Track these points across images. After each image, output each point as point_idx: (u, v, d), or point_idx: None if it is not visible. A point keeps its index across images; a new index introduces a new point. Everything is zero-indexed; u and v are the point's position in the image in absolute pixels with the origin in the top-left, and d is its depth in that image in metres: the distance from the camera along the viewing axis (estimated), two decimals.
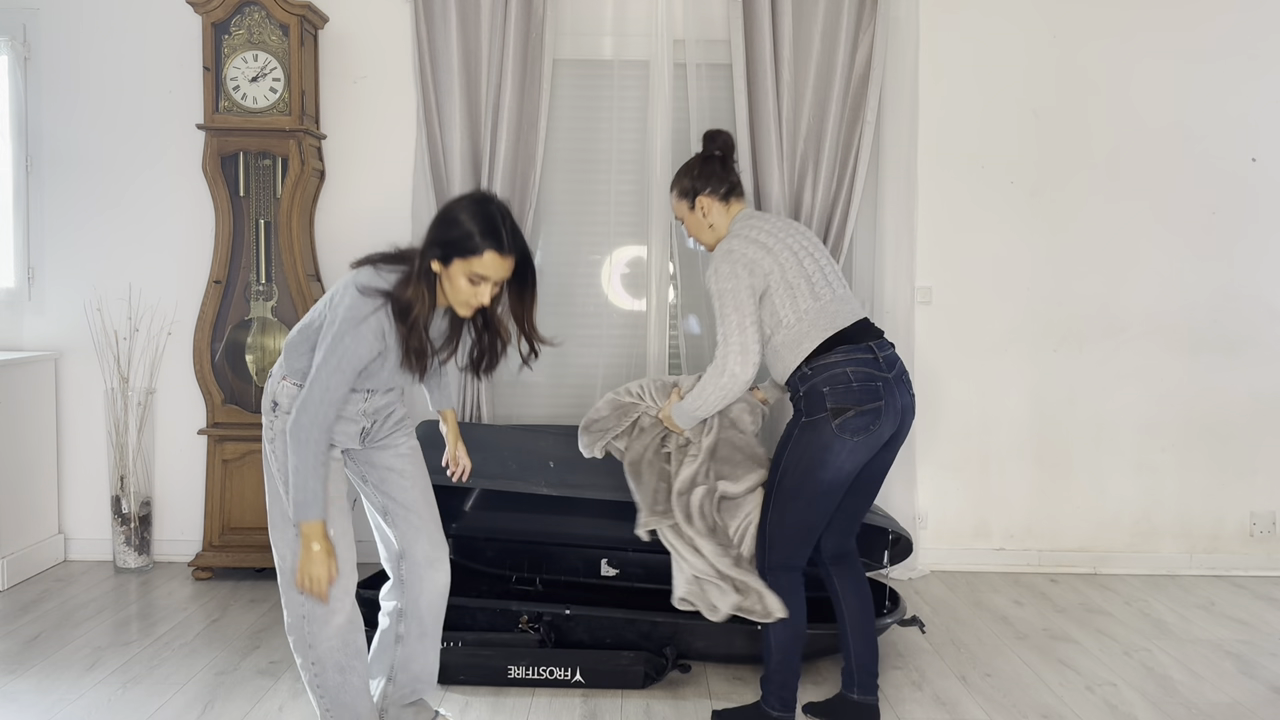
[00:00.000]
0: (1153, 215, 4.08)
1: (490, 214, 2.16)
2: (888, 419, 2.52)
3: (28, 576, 3.85)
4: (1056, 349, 4.11)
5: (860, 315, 2.63)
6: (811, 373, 2.52)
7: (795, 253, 2.60)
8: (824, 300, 2.58)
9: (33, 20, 3.98)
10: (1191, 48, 4.04)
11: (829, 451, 2.49)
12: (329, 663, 2.27)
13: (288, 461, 2.18)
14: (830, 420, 2.47)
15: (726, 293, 2.56)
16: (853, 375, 2.49)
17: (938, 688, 2.98)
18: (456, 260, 2.15)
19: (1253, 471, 4.14)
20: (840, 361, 2.51)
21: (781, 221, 2.70)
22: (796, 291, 2.56)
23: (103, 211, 4.03)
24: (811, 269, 2.60)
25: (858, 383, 2.48)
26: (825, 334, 2.54)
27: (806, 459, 2.52)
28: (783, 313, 2.56)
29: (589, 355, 4.04)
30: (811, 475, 2.51)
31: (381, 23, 3.98)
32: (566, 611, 3.03)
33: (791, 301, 2.56)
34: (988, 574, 4.11)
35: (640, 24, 3.94)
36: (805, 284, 2.57)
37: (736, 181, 2.74)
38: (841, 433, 2.47)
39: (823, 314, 2.56)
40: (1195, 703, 2.89)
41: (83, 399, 4.07)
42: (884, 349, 2.59)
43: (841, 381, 2.48)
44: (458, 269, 2.16)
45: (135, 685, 2.91)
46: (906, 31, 3.91)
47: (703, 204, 2.72)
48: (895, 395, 2.54)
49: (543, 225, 4.04)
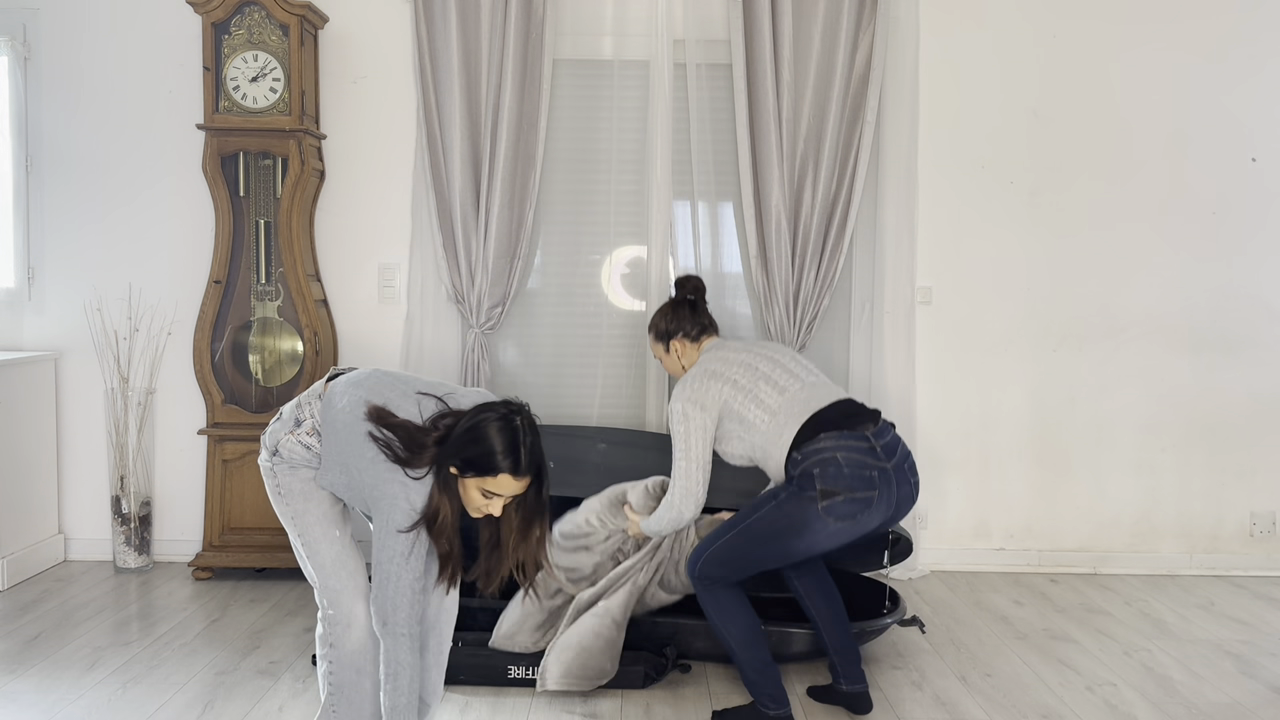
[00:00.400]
0: (1153, 215, 4.08)
1: (514, 432, 2.14)
2: (879, 509, 2.55)
3: (28, 576, 3.85)
4: (1056, 349, 4.11)
5: (838, 397, 2.69)
6: (801, 458, 2.57)
7: (748, 365, 2.73)
8: (791, 392, 2.67)
9: (33, 20, 3.98)
10: (1191, 48, 4.04)
11: (808, 529, 2.54)
12: (347, 663, 2.31)
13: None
14: (818, 501, 2.51)
15: (678, 435, 2.69)
16: (843, 460, 2.53)
17: (938, 688, 2.98)
18: (472, 475, 2.15)
19: (1253, 471, 4.14)
20: (829, 447, 2.56)
21: (742, 344, 2.84)
22: (759, 394, 2.67)
23: (103, 211, 4.03)
24: (770, 370, 2.72)
25: (849, 468, 2.52)
26: (801, 419, 2.61)
27: (785, 523, 2.55)
28: (752, 417, 2.65)
29: (589, 355, 4.04)
30: (783, 539, 2.57)
31: (381, 23, 3.98)
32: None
33: (757, 405, 2.65)
34: (988, 574, 4.11)
35: (640, 24, 3.94)
36: (766, 384, 2.68)
37: (707, 323, 2.91)
38: (826, 515, 2.51)
39: (794, 404, 2.64)
40: (1195, 703, 2.89)
41: (83, 399, 4.08)
42: (882, 436, 2.62)
43: (832, 465, 2.53)
44: (472, 482, 2.16)
45: (135, 685, 2.91)
46: (906, 31, 3.91)
47: (675, 346, 2.89)
48: (893, 486, 2.57)
49: (543, 225, 4.04)
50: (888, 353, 3.96)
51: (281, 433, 2.29)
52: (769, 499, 2.60)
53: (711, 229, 3.99)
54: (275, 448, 2.29)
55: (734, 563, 2.62)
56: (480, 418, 2.14)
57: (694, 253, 3.98)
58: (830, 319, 4.05)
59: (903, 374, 3.98)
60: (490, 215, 3.85)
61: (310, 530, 2.29)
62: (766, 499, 2.61)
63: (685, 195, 4.00)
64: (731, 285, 4.05)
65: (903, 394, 3.98)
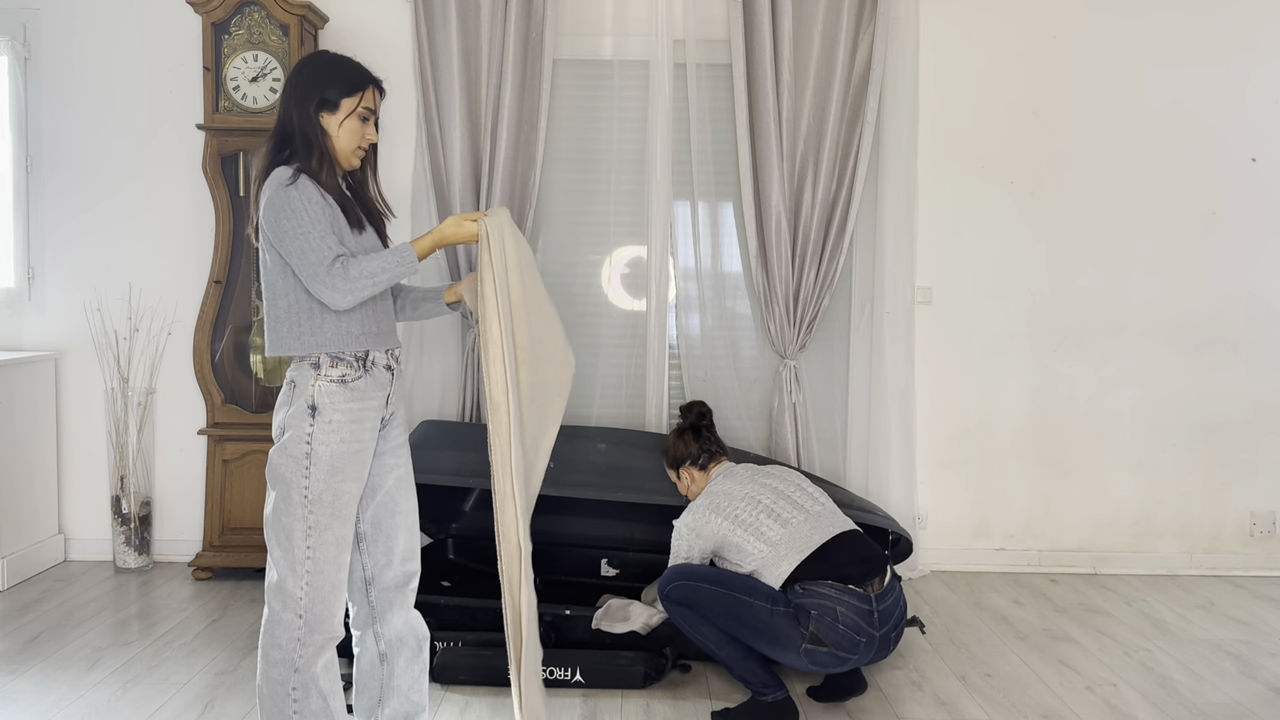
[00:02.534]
0: (1153, 215, 4.09)
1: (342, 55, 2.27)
2: (848, 665, 2.66)
3: (28, 576, 3.85)
4: (1056, 349, 4.11)
5: (841, 529, 2.78)
6: (803, 592, 2.63)
7: (750, 497, 2.81)
8: (794, 524, 2.74)
9: (33, 20, 3.98)
10: (1191, 48, 4.04)
11: (782, 650, 2.63)
12: (313, 687, 2.16)
13: (370, 282, 2.13)
14: (801, 641, 2.60)
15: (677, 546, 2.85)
16: (841, 617, 2.60)
17: (938, 688, 2.98)
18: (345, 101, 2.20)
19: (1253, 471, 4.14)
20: (834, 597, 2.62)
21: (749, 472, 2.91)
22: (760, 527, 2.74)
23: (103, 211, 4.03)
24: (772, 501, 2.80)
25: (844, 626, 2.60)
26: (801, 554, 2.68)
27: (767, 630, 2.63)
28: (750, 549, 2.72)
29: (589, 355, 4.04)
30: (756, 635, 2.65)
31: (381, 23, 3.98)
32: (566, 611, 3.03)
33: (757, 537, 2.73)
34: (988, 574, 4.11)
35: (640, 24, 3.95)
36: (767, 517, 2.75)
37: (715, 450, 3.03)
38: (805, 656, 2.62)
39: (795, 537, 2.71)
40: (1195, 703, 2.89)
41: (83, 399, 4.08)
42: (885, 598, 2.68)
43: (829, 616, 2.60)
44: (344, 109, 2.20)
45: (135, 685, 2.91)
46: (906, 31, 3.91)
47: (684, 474, 3.04)
48: (873, 652, 2.66)
49: (543, 225, 4.04)
50: (888, 353, 3.97)
51: (309, 388, 2.16)
52: (768, 598, 2.64)
53: (711, 229, 3.99)
54: (313, 402, 2.14)
55: (701, 608, 2.69)
56: (307, 60, 2.25)
57: (694, 253, 3.98)
58: (830, 319, 4.05)
59: (903, 374, 3.98)
60: None
61: (323, 518, 2.16)
62: (766, 594, 2.65)
63: (685, 195, 4.00)
64: (731, 285, 4.05)
65: (903, 394, 3.98)
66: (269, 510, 2.18)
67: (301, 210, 2.10)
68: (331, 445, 2.15)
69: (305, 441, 2.14)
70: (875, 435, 3.98)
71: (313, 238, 2.10)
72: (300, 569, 2.14)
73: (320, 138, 2.20)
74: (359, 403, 2.19)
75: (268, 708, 2.16)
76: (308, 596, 2.14)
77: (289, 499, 2.14)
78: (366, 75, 2.25)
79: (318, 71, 2.22)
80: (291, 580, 2.14)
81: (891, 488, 3.97)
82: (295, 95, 2.20)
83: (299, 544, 2.14)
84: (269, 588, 2.17)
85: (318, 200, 2.13)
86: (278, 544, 2.16)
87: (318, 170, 2.19)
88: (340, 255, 2.11)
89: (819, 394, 4.06)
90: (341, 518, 2.17)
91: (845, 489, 3.71)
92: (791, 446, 3.90)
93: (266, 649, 2.15)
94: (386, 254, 2.16)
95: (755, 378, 4.06)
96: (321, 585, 2.15)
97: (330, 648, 2.19)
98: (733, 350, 4.02)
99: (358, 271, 2.11)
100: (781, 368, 3.94)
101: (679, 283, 3.99)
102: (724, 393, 3.94)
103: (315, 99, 2.20)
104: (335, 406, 2.16)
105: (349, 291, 2.11)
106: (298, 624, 2.14)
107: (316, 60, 2.25)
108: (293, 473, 2.14)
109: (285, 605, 2.14)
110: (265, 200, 2.14)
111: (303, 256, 2.10)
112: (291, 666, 2.14)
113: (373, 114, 2.26)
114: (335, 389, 2.16)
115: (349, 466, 2.17)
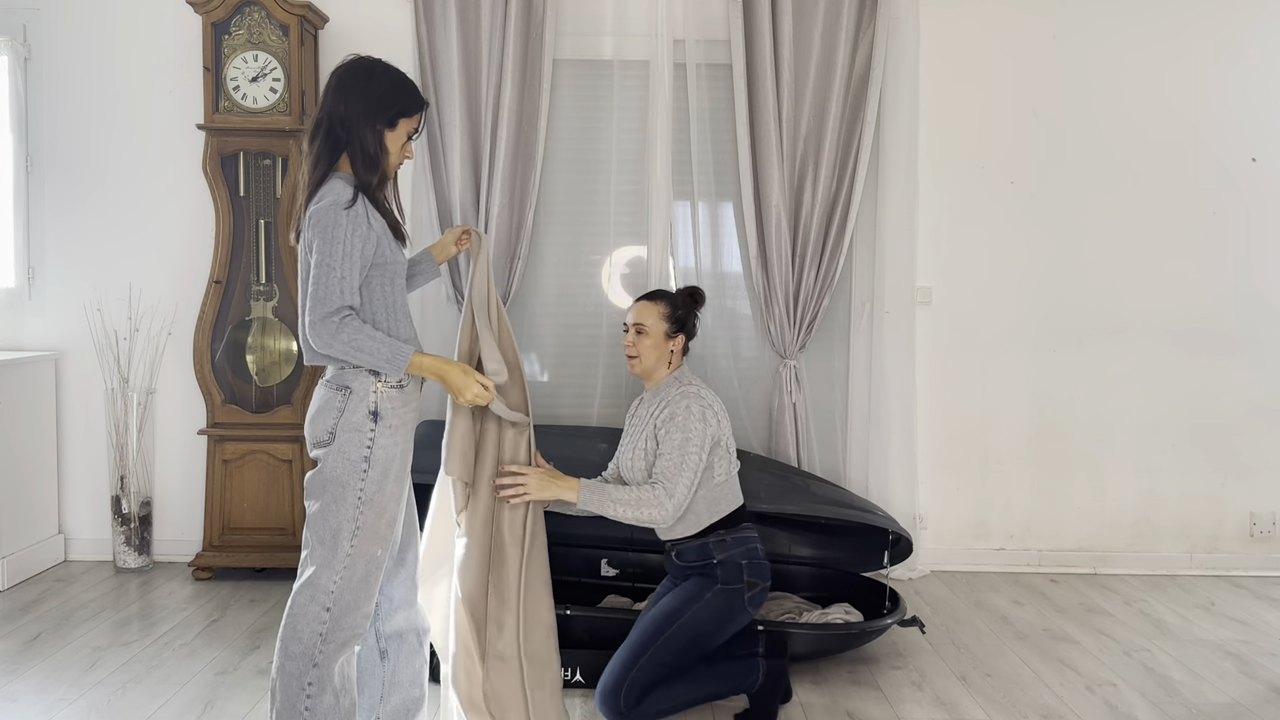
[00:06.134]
0: (1153, 215, 4.08)
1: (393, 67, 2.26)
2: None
3: (28, 576, 3.85)
4: (1056, 349, 4.11)
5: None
6: (730, 542, 2.67)
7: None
8: (736, 469, 2.79)
9: (33, 20, 3.98)
10: (1192, 48, 4.04)
11: (732, 621, 2.67)
12: (328, 684, 2.17)
13: (351, 350, 2.09)
14: (744, 593, 2.65)
15: (692, 441, 2.61)
16: (761, 551, 2.73)
17: (938, 688, 2.98)
18: (405, 121, 2.22)
19: (1253, 471, 4.14)
20: (753, 537, 2.73)
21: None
22: (730, 455, 2.74)
23: (103, 211, 4.03)
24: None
25: (765, 559, 2.72)
26: (737, 501, 2.75)
27: (712, 623, 2.64)
28: (717, 469, 2.70)
29: (589, 355, 4.04)
30: (708, 636, 2.65)
31: (381, 23, 3.98)
32: (566, 611, 3.03)
33: (720, 462, 2.70)
34: (988, 574, 4.11)
35: (640, 24, 3.94)
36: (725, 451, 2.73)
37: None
38: (750, 605, 2.67)
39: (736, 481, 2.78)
40: (1195, 703, 2.89)
41: (83, 399, 4.08)
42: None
43: (756, 557, 2.70)
44: (403, 129, 2.22)
45: (135, 685, 2.91)
46: (906, 31, 3.91)
47: (677, 342, 2.80)
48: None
49: (543, 225, 4.04)
50: (888, 353, 3.97)
51: (370, 395, 2.16)
52: (686, 603, 2.62)
53: (711, 229, 3.99)
54: (375, 409, 2.16)
55: (657, 678, 2.59)
56: (360, 67, 2.21)
57: (694, 253, 3.98)
58: (830, 319, 4.05)
59: (903, 374, 3.98)
60: (490, 215, 3.85)
61: (371, 518, 2.17)
62: (681, 604, 2.62)
63: (685, 195, 4.00)
64: (731, 285, 4.05)
65: (903, 394, 3.98)
66: (314, 510, 2.18)
67: (344, 240, 2.09)
68: (389, 450, 2.19)
69: (366, 446, 2.16)
70: (875, 435, 3.98)
71: (336, 274, 2.08)
72: (338, 564, 2.16)
73: (383, 157, 2.21)
74: (410, 407, 2.24)
75: (280, 701, 2.17)
76: (339, 589, 2.16)
77: (342, 500, 2.16)
78: (421, 97, 2.27)
79: (389, 88, 2.20)
80: (326, 575, 2.16)
81: (891, 488, 3.97)
82: (363, 108, 2.17)
83: (344, 543, 2.16)
84: (299, 584, 2.19)
85: (363, 233, 2.12)
86: (320, 541, 2.17)
87: (377, 188, 2.20)
88: (347, 307, 2.10)
89: (819, 394, 4.06)
90: (387, 519, 2.21)
91: (845, 489, 3.71)
92: (791, 447, 3.90)
93: (286, 643, 2.17)
94: (385, 344, 2.13)
95: (755, 378, 4.06)
96: (354, 579, 2.17)
97: (349, 650, 2.20)
98: (733, 350, 4.02)
99: (350, 334, 2.09)
100: (781, 368, 3.94)
101: (679, 283, 3.99)
102: (724, 393, 3.94)
103: (385, 117, 2.19)
104: (394, 412, 2.20)
105: (331, 344, 2.09)
106: (324, 617, 2.15)
107: (386, 75, 2.22)
108: (349, 475, 2.15)
109: (314, 598, 2.15)
110: (316, 211, 2.12)
111: (317, 284, 2.09)
112: (310, 661, 2.15)
113: (418, 133, 2.28)
114: (395, 395, 2.20)
115: (402, 470, 2.24)
